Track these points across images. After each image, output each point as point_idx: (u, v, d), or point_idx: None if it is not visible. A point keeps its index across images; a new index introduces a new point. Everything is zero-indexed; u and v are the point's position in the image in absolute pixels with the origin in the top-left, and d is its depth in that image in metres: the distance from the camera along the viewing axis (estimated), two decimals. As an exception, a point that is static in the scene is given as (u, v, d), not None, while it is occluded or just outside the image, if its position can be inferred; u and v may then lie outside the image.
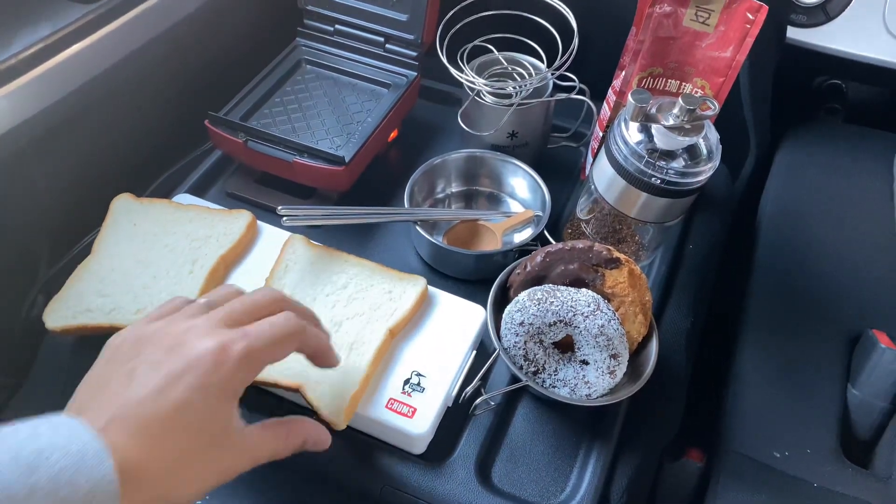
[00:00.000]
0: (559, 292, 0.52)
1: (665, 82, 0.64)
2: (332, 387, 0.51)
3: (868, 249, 0.70)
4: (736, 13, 0.57)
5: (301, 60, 0.76)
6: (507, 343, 0.53)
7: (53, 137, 0.63)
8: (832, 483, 0.54)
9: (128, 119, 0.71)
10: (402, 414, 0.51)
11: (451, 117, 0.71)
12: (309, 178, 0.66)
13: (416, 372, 0.53)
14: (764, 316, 0.65)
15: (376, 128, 0.68)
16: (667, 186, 0.55)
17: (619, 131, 0.56)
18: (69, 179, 0.67)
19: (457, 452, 0.52)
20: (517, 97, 0.66)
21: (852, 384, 0.60)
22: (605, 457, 0.52)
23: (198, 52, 0.77)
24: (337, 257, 0.59)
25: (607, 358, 0.51)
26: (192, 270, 0.57)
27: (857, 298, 0.66)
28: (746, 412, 0.58)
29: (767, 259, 0.70)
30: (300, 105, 0.72)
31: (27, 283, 0.65)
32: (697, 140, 0.54)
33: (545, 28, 0.68)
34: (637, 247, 0.65)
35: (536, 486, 0.51)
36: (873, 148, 0.81)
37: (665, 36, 0.60)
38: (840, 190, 0.76)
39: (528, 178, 0.68)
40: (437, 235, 0.66)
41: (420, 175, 0.67)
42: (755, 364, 0.62)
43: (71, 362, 0.58)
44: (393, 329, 0.54)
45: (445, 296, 0.58)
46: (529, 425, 0.55)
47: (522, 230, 0.68)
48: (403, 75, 0.74)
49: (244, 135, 0.66)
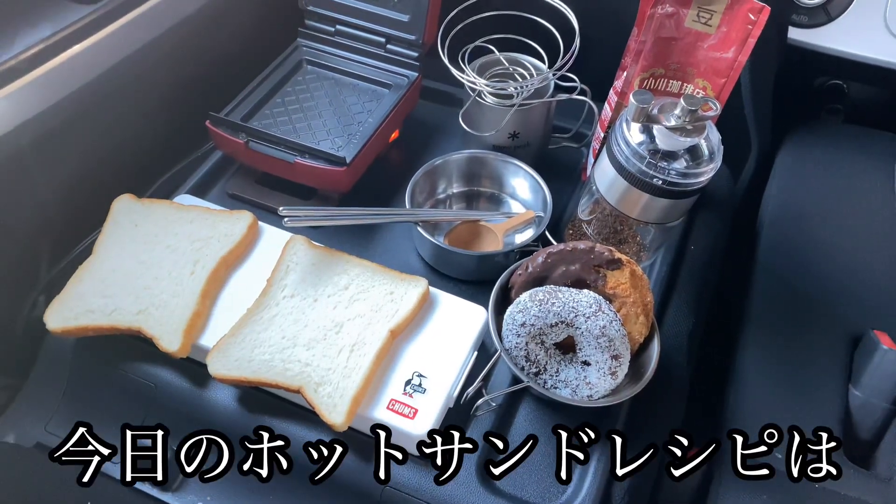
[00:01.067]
0: (561, 293, 0.52)
1: (667, 83, 0.64)
2: (334, 388, 0.51)
3: (869, 250, 0.70)
4: (738, 14, 0.57)
5: (302, 61, 0.76)
6: (508, 344, 0.53)
7: (54, 138, 0.62)
8: (834, 484, 0.54)
9: (129, 120, 0.71)
10: (404, 415, 0.51)
11: (453, 118, 0.71)
12: (310, 178, 0.66)
13: (417, 373, 0.53)
14: (765, 317, 0.65)
15: (377, 128, 0.68)
16: (668, 187, 0.55)
17: (621, 132, 0.56)
18: (70, 180, 0.67)
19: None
20: (518, 98, 0.66)
21: (854, 385, 0.60)
22: (607, 458, 0.52)
23: (199, 52, 0.77)
24: (338, 258, 0.59)
25: (609, 359, 0.51)
26: (194, 271, 0.57)
27: (858, 299, 0.66)
28: (748, 413, 0.58)
29: (768, 260, 0.70)
30: (301, 106, 0.72)
31: (28, 283, 0.65)
32: (699, 141, 0.54)
33: (546, 28, 0.68)
34: (638, 248, 0.65)
35: (538, 488, 0.51)
36: (874, 148, 0.80)
37: (667, 36, 0.60)
38: (841, 190, 0.76)
39: (530, 179, 0.68)
40: (439, 236, 0.66)
41: (421, 176, 0.67)
42: (757, 365, 0.61)
43: (72, 363, 0.58)
44: (394, 330, 0.54)
45: (447, 297, 0.58)
46: (531, 426, 0.55)
47: (524, 231, 0.68)
48: (404, 76, 0.74)
49: (245, 135, 0.66)
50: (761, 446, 0.54)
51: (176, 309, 0.55)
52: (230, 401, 0.55)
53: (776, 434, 0.54)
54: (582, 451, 0.52)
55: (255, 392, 0.55)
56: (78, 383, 0.58)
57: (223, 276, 0.59)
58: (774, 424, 0.55)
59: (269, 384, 0.52)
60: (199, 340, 0.55)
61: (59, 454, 0.50)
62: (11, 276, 0.63)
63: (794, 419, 0.56)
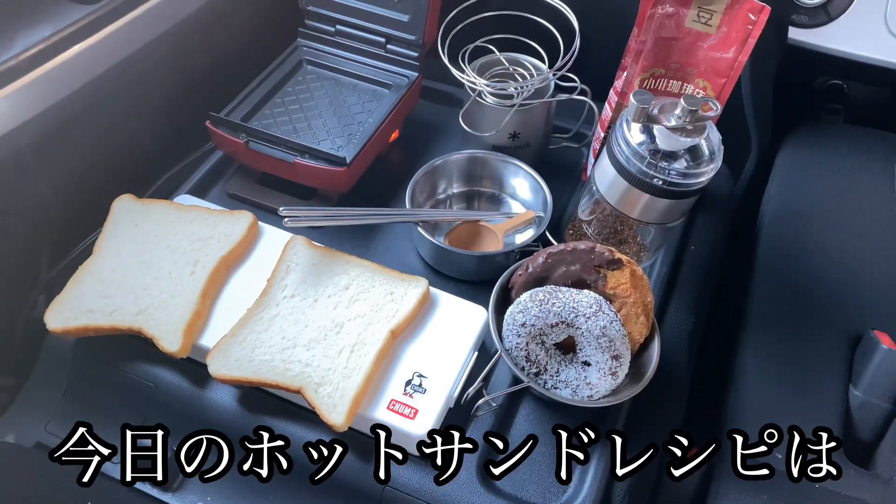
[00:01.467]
0: (561, 293, 0.52)
1: (667, 83, 0.64)
2: (334, 388, 0.51)
3: (870, 250, 0.70)
4: (738, 14, 0.57)
5: (302, 61, 0.76)
6: (508, 344, 0.53)
7: (54, 138, 0.62)
8: (834, 484, 0.54)
9: (129, 120, 0.71)
10: (404, 415, 0.51)
11: (453, 118, 0.71)
12: (310, 178, 0.66)
13: (417, 373, 0.53)
14: (765, 317, 0.65)
15: (377, 128, 0.68)
16: (669, 187, 0.55)
17: (621, 132, 0.56)
18: (70, 180, 0.67)
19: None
20: (518, 98, 0.66)
21: (854, 385, 0.60)
22: (607, 458, 0.52)
23: (199, 52, 0.77)
24: (338, 258, 0.59)
25: (609, 359, 0.51)
26: (194, 271, 0.57)
27: (858, 299, 0.66)
28: (748, 413, 0.58)
29: (769, 260, 0.70)
30: (301, 106, 0.72)
31: (28, 284, 0.64)
32: (699, 141, 0.54)
33: (547, 29, 0.68)
34: (639, 248, 0.65)
35: (538, 488, 0.51)
36: (875, 148, 0.80)
37: (667, 37, 0.60)
38: (841, 190, 0.76)
39: (530, 179, 0.68)
40: (439, 236, 0.66)
41: (421, 176, 0.67)
42: (757, 365, 0.61)
43: (72, 363, 0.58)
44: (394, 330, 0.54)
45: (447, 297, 0.58)
46: (531, 426, 0.55)
47: (524, 231, 0.68)
48: (405, 76, 0.74)
49: (245, 135, 0.66)
50: (761, 446, 0.54)
51: (176, 309, 0.55)
52: (230, 401, 0.55)
53: (776, 434, 0.54)
54: (582, 451, 0.52)
55: (255, 392, 0.55)
56: (78, 383, 0.58)
57: (223, 276, 0.59)
58: (774, 424, 0.55)
59: (269, 384, 0.52)
60: (199, 340, 0.55)
61: (59, 454, 0.50)
62: (11, 276, 0.63)
63: (794, 419, 0.56)
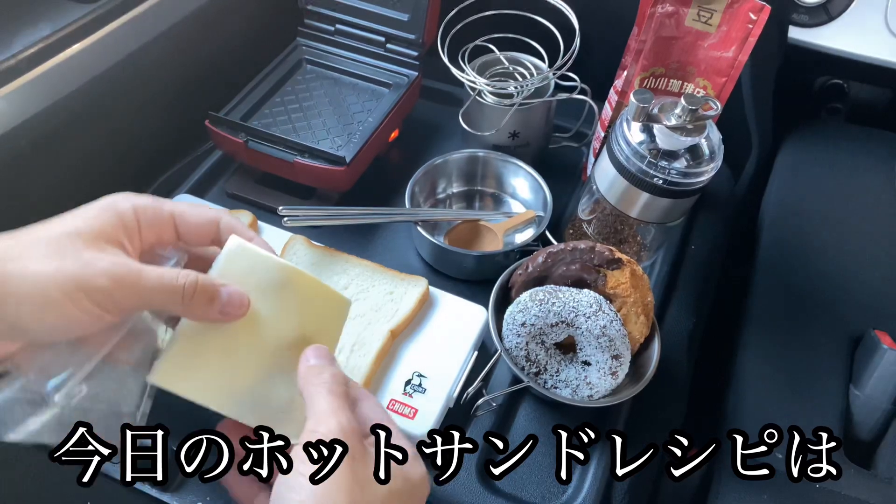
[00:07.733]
0: (561, 293, 0.52)
1: (667, 82, 0.63)
2: (334, 388, 0.50)
3: (870, 250, 0.70)
4: (738, 13, 0.57)
5: (302, 60, 0.76)
6: (508, 344, 0.53)
7: (53, 138, 0.62)
8: (834, 484, 0.54)
9: (128, 119, 0.71)
10: (404, 415, 0.51)
11: (453, 117, 0.71)
12: (310, 178, 0.66)
13: (417, 373, 0.53)
14: (766, 316, 0.65)
15: (377, 128, 0.68)
16: (669, 187, 0.55)
17: (621, 131, 0.56)
18: (69, 180, 0.66)
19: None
20: (518, 97, 0.66)
21: (854, 385, 0.60)
22: (607, 458, 0.52)
23: (198, 51, 0.77)
24: (338, 258, 0.59)
25: (609, 359, 0.51)
26: (193, 271, 0.57)
27: (859, 299, 0.66)
28: (748, 412, 0.58)
29: (769, 259, 0.70)
30: (301, 105, 0.72)
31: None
32: (699, 140, 0.54)
33: (547, 28, 0.68)
34: (639, 247, 0.65)
35: (538, 488, 0.51)
36: (875, 148, 0.80)
37: (667, 36, 0.60)
38: (842, 190, 0.76)
39: (530, 179, 0.68)
40: (439, 236, 0.66)
41: (421, 175, 0.67)
42: (757, 364, 0.61)
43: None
44: (394, 330, 0.54)
45: (447, 296, 0.58)
46: (531, 426, 0.54)
47: (524, 230, 0.68)
48: (404, 75, 0.73)
49: (245, 135, 0.66)
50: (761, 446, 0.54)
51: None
52: (230, 401, 0.55)
53: (776, 434, 0.54)
54: (582, 451, 0.51)
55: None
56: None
57: (223, 275, 0.59)
58: (774, 424, 0.55)
59: (268, 384, 0.52)
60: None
61: (59, 454, 0.50)
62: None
63: (794, 419, 0.56)
